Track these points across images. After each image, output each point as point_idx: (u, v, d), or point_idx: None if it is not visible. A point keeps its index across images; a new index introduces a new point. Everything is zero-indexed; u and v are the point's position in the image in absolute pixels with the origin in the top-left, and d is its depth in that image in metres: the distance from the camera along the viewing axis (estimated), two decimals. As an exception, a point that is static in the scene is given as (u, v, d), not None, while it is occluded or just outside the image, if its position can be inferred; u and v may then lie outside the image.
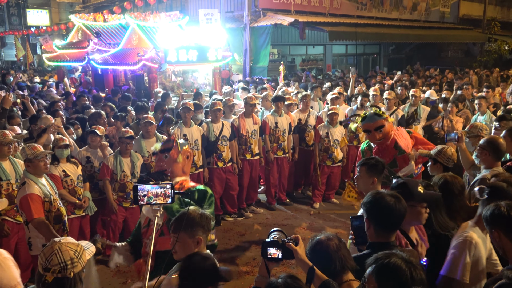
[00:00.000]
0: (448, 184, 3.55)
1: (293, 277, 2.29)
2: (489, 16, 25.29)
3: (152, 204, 2.73)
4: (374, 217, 2.74)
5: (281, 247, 2.44)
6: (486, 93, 9.14)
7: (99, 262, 6.00)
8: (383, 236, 2.73)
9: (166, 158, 3.91)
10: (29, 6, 32.08)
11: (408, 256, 2.10)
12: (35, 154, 4.50)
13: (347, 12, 19.78)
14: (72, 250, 2.44)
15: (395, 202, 2.72)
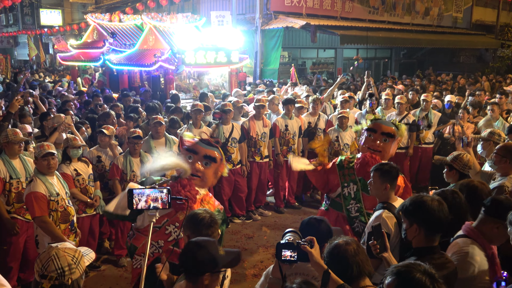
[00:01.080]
0: (478, 190, 3.51)
1: (308, 282, 2.26)
2: (502, 22, 25.06)
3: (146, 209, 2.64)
4: (425, 222, 2.69)
5: (296, 249, 2.42)
6: (499, 99, 9.03)
7: (107, 262, 6.03)
8: (432, 240, 2.71)
9: (206, 166, 3.79)
10: (42, 6, 32.40)
11: (431, 269, 2.03)
12: (39, 152, 4.54)
13: (359, 16, 19.70)
14: (69, 256, 2.33)
15: (440, 205, 2.71)
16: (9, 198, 5.03)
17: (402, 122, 8.31)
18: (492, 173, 4.60)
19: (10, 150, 5.04)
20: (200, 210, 2.85)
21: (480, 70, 20.67)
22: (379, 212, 3.53)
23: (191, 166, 3.74)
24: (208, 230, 2.78)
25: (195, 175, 3.76)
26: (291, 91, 11.18)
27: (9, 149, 5.03)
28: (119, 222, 6.02)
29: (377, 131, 4.66)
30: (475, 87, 13.16)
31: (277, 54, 17.23)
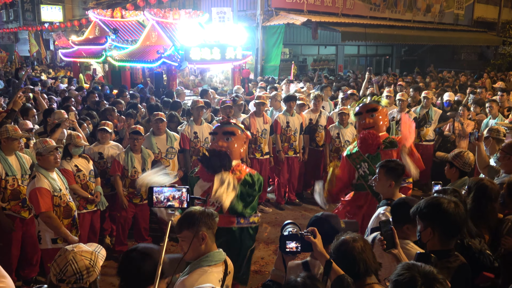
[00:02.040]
0: (487, 189, 3.51)
1: (312, 277, 2.26)
2: (504, 19, 25.01)
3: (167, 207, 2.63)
4: (440, 226, 2.63)
5: (300, 240, 2.43)
6: (500, 96, 9.02)
7: (108, 258, 6.01)
8: (447, 244, 2.65)
9: (228, 141, 4.23)
10: (43, 2, 32.36)
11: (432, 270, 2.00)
12: (45, 148, 4.52)
13: (360, 13, 19.68)
14: (87, 260, 2.34)
15: (456, 207, 2.64)
16: (5, 195, 4.99)
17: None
18: (499, 169, 4.59)
19: (9, 146, 5.00)
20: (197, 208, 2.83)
21: (481, 68, 20.65)
22: (383, 209, 3.53)
23: (216, 144, 4.24)
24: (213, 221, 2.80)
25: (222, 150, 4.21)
26: (286, 88, 11.20)
27: (8, 145, 4.99)
28: (120, 218, 6.03)
29: (362, 112, 5.15)
30: (477, 84, 13.15)
31: (278, 50, 17.20)
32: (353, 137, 7.74)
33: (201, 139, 6.86)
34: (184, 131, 6.81)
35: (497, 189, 3.58)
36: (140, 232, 6.23)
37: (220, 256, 2.80)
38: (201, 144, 6.85)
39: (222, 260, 2.80)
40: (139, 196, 5.99)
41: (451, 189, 3.33)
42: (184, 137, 6.74)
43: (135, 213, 6.08)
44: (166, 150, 6.45)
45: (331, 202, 5.39)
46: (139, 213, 6.09)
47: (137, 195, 5.99)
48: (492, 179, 4.51)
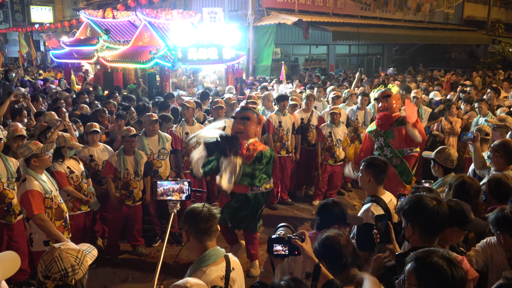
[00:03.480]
0: (466, 185, 3.56)
1: (296, 280, 2.27)
2: (494, 18, 25.20)
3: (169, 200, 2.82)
4: (419, 222, 2.66)
5: (287, 244, 2.42)
6: (491, 93, 9.14)
7: (99, 259, 6.01)
8: (428, 241, 2.66)
9: (244, 124, 5.06)
10: (33, 3, 32.13)
11: (449, 254, 2.06)
12: (41, 148, 4.50)
13: (351, 12, 19.75)
14: (72, 257, 2.34)
15: (438, 205, 2.66)
16: None
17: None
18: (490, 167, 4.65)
19: None
20: (199, 205, 2.82)
21: (471, 66, 20.81)
22: (368, 205, 3.57)
23: (236, 127, 5.11)
24: (207, 224, 2.76)
25: (238, 132, 5.05)
26: (277, 88, 11.22)
27: None
28: (112, 220, 6.01)
29: (379, 98, 6.45)
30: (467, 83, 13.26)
31: (270, 50, 17.22)
32: (344, 136, 7.82)
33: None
34: (175, 131, 6.81)
35: (477, 186, 3.64)
36: (132, 233, 6.21)
37: (216, 253, 2.78)
38: (193, 145, 6.85)
39: (221, 257, 2.78)
40: (131, 198, 5.99)
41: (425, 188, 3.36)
42: (175, 138, 6.73)
43: (127, 214, 6.07)
44: (158, 151, 6.44)
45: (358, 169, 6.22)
46: (132, 215, 6.08)
47: (130, 197, 5.98)
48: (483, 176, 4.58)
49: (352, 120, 8.50)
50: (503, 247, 2.78)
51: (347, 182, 8.91)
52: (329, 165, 7.92)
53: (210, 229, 2.77)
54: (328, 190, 8.16)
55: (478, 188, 3.64)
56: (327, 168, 7.96)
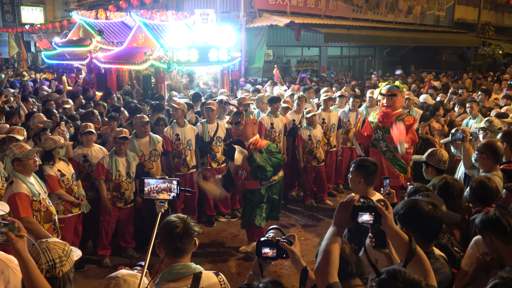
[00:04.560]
0: (449, 186, 3.59)
1: (275, 282, 2.25)
2: (484, 21, 25.41)
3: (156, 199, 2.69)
4: (414, 227, 2.62)
5: (276, 247, 2.39)
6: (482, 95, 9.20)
7: (90, 262, 5.98)
8: (422, 246, 2.59)
9: (240, 127, 5.74)
10: (23, 4, 31.87)
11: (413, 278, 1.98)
12: (24, 153, 4.45)
13: (343, 14, 19.80)
14: (60, 249, 2.38)
15: (433, 209, 2.63)
16: None
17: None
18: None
19: None
20: (177, 219, 2.64)
21: (462, 68, 20.95)
22: None
23: (235, 132, 5.89)
24: (179, 242, 2.57)
25: (238, 135, 5.84)
26: (270, 90, 11.22)
27: None
28: (103, 222, 5.97)
29: (385, 94, 6.62)
30: (458, 84, 13.36)
31: (262, 52, 17.23)
32: (321, 136, 7.95)
33: (183, 141, 6.84)
34: (166, 133, 6.79)
35: (460, 186, 3.67)
36: (124, 236, 6.18)
37: (180, 270, 2.56)
38: (183, 147, 6.84)
39: (187, 275, 2.56)
40: (123, 200, 5.95)
41: (424, 187, 3.39)
42: (166, 139, 6.71)
43: (118, 217, 6.04)
44: (150, 153, 6.42)
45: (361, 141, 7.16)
46: (123, 217, 6.05)
47: (121, 199, 5.95)
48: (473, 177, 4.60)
49: (344, 122, 8.52)
50: (490, 248, 2.81)
51: (339, 183, 8.94)
52: (313, 167, 7.94)
53: (182, 247, 2.59)
54: (319, 193, 8.17)
55: (461, 188, 3.68)
56: (312, 170, 7.99)
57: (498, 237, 2.73)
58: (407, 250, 2.25)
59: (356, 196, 2.31)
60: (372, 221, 2.27)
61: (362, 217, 2.26)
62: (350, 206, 2.27)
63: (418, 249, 2.27)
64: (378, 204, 2.28)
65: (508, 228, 2.71)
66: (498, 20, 28.29)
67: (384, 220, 2.27)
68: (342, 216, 2.30)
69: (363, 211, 2.25)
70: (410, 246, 2.25)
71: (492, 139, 4.76)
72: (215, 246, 6.45)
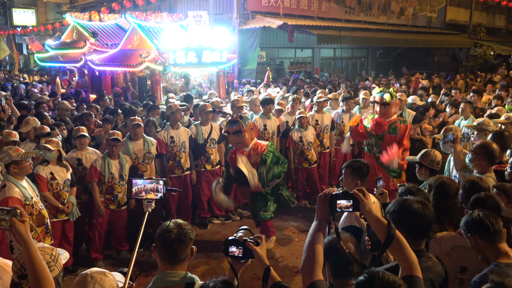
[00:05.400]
0: (446, 186, 3.60)
1: (226, 282, 2.27)
2: (475, 22, 25.62)
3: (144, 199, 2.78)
4: (402, 226, 2.63)
5: (242, 246, 2.42)
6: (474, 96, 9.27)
7: (84, 265, 5.94)
8: (413, 244, 2.63)
9: (239, 136, 5.70)
10: (15, 6, 31.71)
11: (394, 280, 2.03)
12: (22, 155, 4.43)
13: (336, 16, 19.87)
14: (47, 254, 2.38)
15: (423, 208, 2.66)
16: None
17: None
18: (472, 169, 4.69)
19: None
20: (172, 225, 2.59)
21: (454, 69, 21.09)
22: None
23: (233, 141, 5.86)
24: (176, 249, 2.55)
25: (238, 144, 5.82)
26: (264, 91, 11.23)
27: None
28: (96, 225, 5.95)
29: (378, 102, 6.52)
30: (450, 85, 13.45)
31: (255, 54, 17.24)
32: (314, 138, 7.91)
33: (177, 143, 6.83)
34: (160, 135, 6.78)
35: (456, 186, 3.70)
36: (117, 238, 6.17)
37: (171, 278, 2.53)
38: (178, 149, 6.83)
39: (178, 284, 2.52)
40: (116, 202, 5.94)
41: (416, 188, 3.42)
42: (160, 142, 6.70)
43: (112, 219, 6.02)
44: (143, 155, 6.41)
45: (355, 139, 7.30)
46: (116, 220, 6.03)
47: (114, 201, 5.93)
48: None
49: (338, 123, 8.56)
50: (475, 249, 2.85)
51: (333, 184, 8.95)
52: (305, 168, 7.96)
53: (178, 254, 2.56)
54: (312, 195, 8.19)
55: (457, 188, 3.71)
56: (303, 172, 8.01)
57: (482, 238, 2.78)
58: (386, 235, 2.30)
59: (334, 188, 2.40)
60: (351, 207, 2.33)
61: (341, 203, 2.33)
62: (328, 197, 2.35)
63: (397, 233, 2.31)
64: (355, 191, 2.35)
65: (492, 229, 2.76)
66: (490, 21, 28.53)
67: (362, 206, 2.33)
68: (322, 208, 2.39)
69: (340, 198, 2.33)
70: (389, 230, 2.30)
71: (488, 141, 4.76)
72: (209, 248, 6.45)
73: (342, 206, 2.33)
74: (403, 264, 2.31)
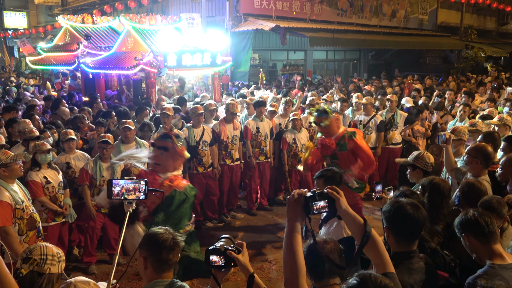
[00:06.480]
0: (440, 187, 3.62)
1: None
2: (466, 24, 25.76)
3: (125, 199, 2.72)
4: (394, 227, 2.69)
5: (223, 255, 2.39)
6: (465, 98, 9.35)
7: (76, 270, 5.91)
8: (405, 246, 2.68)
9: (162, 155, 4.40)
10: (6, 8, 31.44)
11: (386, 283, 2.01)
12: (11, 158, 4.39)
13: (328, 18, 19.92)
14: (55, 250, 2.55)
15: (414, 210, 2.67)
16: None
17: (370, 122, 8.49)
18: (465, 171, 4.70)
19: None
20: (162, 230, 2.62)
21: (445, 71, 21.20)
22: (338, 221, 3.59)
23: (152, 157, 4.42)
24: (170, 253, 2.57)
25: (157, 164, 4.43)
26: (256, 93, 11.23)
27: None
28: (88, 228, 5.91)
29: (316, 122, 5.86)
30: (442, 87, 13.52)
31: (248, 56, 17.23)
32: (307, 140, 7.86)
33: (170, 146, 6.79)
34: (152, 139, 6.74)
35: (449, 186, 3.74)
36: (109, 242, 6.12)
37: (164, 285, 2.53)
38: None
39: None
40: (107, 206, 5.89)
41: (410, 190, 3.44)
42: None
43: (103, 223, 5.98)
44: (135, 158, 6.36)
45: (306, 170, 6.67)
46: (108, 223, 5.98)
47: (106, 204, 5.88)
48: (459, 180, 4.63)
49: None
50: (468, 249, 2.85)
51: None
52: (298, 170, 7.95)
53: (171, 260, 2.58)
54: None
55: (449, 188, 3.75)
56: (296, 173, 8.02)
57: (477, 238, 2.78)
58: (362, 234, 2.27)
59: (304, 190, 2.33)
60: (327, 207, 2.28)
61: (318, 205, 2.26)
62: (301, 199, 2.28)
63: (373, 232, 2.30)
64: (328, 190, 2.30)
65: (486, 229, 2.75)
66: (480, 23, 28.71)
67: (338, 204, 2.29)
68: (293, 211, 2.31)
69: (316, 200, 2.26)
70: (365, 229, 2.28)
71: (483, 143, 4.72)
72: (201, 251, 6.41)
73: (319, 207, 2.27)
74: (379, 261, 2.30)
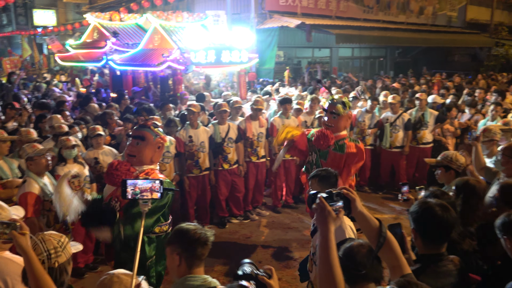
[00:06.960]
0: (476, 188, 3.52)
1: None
2: (496, 21, 25.15)
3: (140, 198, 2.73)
4: (421, 228, 2.60)
5: (254, 280, 2.26)
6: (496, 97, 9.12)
7: (104, 263, 5.97)
8: (433, 248, 2.60)
9: (137, 145, 3.98)
10: (36, 6, 32.17)
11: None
12: (36, 151, 4.52)
13: (354, 15, 19.71)
14: (55, 240, 2.44)
15: (443, 212, 2.58)
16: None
17: (397, 121, 8.36)
18: (497, 171, 4.56)
19: None
20: (191, 226, 2.61)
21: (474, 69, 20.74)
22: None
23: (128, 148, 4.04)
24: (204, 249, 2.57)
25: (131, 155, 4.00)
26: (281, 91, 11.19)
27: None
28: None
29: (327, 110, 5.39)
30: (472, 85, 13.22)
31: (273, 53, 17.18)
32: None
33: (196, 142, 6.83)
34: (179, 134, 6.79)
35: (484, 187, 3.63)
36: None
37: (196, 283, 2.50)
38: (196, 148, 6.83)
39: None
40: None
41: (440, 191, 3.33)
42: (179, 141, 6.72)
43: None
44: (163, 154, 6.39)
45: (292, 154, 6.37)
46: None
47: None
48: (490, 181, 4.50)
49: (359, 121, 8.55)
50: (510, 252, 2.73)
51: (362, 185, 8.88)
52: None
53: (204, 255, 2.59)
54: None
55: (484, 188, 3.64)
56: None
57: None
58: (378, 235, 2.20)
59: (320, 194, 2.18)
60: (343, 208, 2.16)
61: (336, 205, 2.13)
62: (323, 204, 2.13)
63: (388, 234, 2.22)
64: (344, 190, 2.17)
65: None
66: (511, 20, 27.99)
67: (354, 205, 2.16)
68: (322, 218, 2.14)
69: (333, 200, 2.14)
70: (380, 231, 2.20)
71: None
72: (227, 248, 6.43)
73: (336, 208, 2.13)
74: (396, 263, 2.22)
